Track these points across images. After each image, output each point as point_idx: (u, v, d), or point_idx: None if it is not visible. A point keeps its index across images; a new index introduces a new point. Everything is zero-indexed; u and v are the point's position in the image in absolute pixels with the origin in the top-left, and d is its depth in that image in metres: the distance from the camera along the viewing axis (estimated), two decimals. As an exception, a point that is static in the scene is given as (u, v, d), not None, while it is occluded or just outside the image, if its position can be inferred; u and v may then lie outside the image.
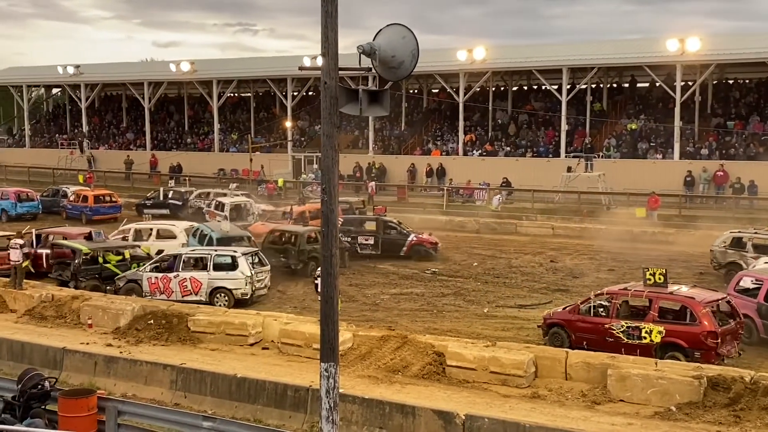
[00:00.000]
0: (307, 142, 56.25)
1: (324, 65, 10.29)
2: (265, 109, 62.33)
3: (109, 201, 41.19)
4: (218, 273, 23.70)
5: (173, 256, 24.62)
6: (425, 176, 49.32)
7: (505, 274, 28.22)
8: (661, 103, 47.37)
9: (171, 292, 23.67)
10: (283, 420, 14.73)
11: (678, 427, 14.25)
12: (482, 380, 16.67)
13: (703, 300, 17.82)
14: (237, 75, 58.98)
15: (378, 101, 10.47)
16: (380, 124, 54.58)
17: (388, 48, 10.26)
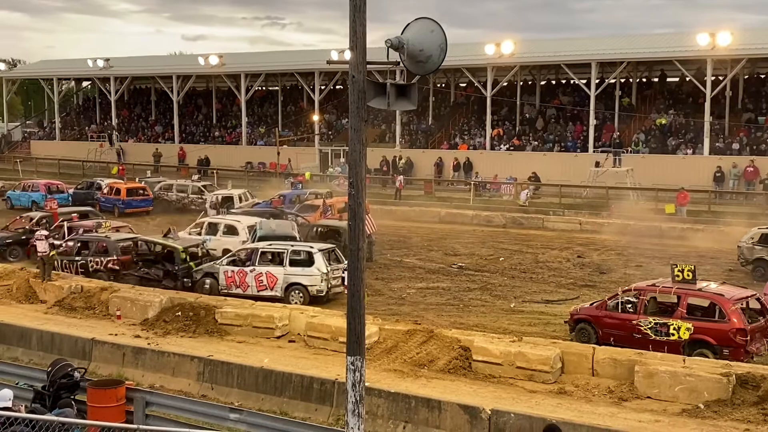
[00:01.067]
0: (334, 135, 56.33)
1: (352, 59, 10.30)
2: (292, 102, 62.48)
3: (141, 194, 41.09)
4: (294, 269, 23.19)
5: (251, 249, 24.27)
6: (452, 170, 49.22)
7: (531, 269, 28.10)
8: (691, 98, 46.87)
9: (247, 287, 23.34)
10: (309, 413, 14.80)
11: (706, 424, 14.12)
12: (508, 375, 16.62)
13: (732, 297, 17.63)
14: (265, 69, 59.16)
15: (405, 95, 10.46)
16: (407, 118, 54.51)
17: (416, 42, 10.24)
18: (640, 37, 52.64)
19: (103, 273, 24.98)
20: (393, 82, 10.30)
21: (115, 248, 25.54)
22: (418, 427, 13.97)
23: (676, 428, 13.84)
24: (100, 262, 25.32)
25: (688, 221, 34.98)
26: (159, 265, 24.82)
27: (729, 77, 43.88)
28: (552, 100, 52.16)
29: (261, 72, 59.17)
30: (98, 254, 25.57)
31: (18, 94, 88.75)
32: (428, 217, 39.08)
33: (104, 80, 66.16)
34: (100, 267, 25.26)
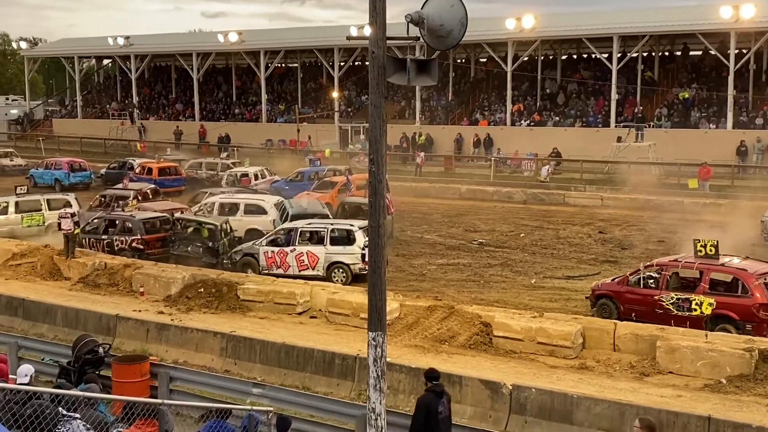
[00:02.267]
0: (354, 112, 56.24)
1: (372, 35, 10.26)
2: (312, 79, 62.39)
3: (174, 173, 40.33)
4: (335, 247, 22.98)
5: (289, 229, 24.08)
6: (472, 146, 49.05)
7: (552, 245, 28.03)
8: (714, 72, 46.33)
9: (288, 267, 23.23)
10: (331, 387, 14.91)
11: (728, 399, 14.09)
12: (529, 351, 16.65)
13: (756, 272, 17.50)
14: (284, 45, 59.07)
15: (426, 71, 10.42)
16: (427, 94, 54.28)
17: (436, 17, 10.19)
18: (662, 9, 51.97)
19: (127, 252, 25.15)
20: (413, 58, 10.26)
21: (139, 227, 25.70)
22: (439, 402, 14.02)
23: (698, 403, 13.81)
24: (125, 241, 25.50)
25: (710, 196, 34.69)
26: (198, 243, 24.99)
27: (753, 50, 43.29)
28: (573, 75, 51.71)
29: (280, 49, 59.08)
30: (123, 233, 25.78)
31: (39, 73, 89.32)
32: (449, 194, 39.01)
33: (125, 58, 66.34)
34: (124, 246, 25.43)
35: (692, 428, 12.16)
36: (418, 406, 10.87)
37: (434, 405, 10.73)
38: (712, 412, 12.80)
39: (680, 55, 51.35)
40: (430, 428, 10.66)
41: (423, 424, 10.68)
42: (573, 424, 12.90)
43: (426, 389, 10.99)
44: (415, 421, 10.83)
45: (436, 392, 10.83)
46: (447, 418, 10.86)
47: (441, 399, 10.80)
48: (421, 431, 10.70)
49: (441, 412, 10.72)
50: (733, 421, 12.29)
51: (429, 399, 10.80)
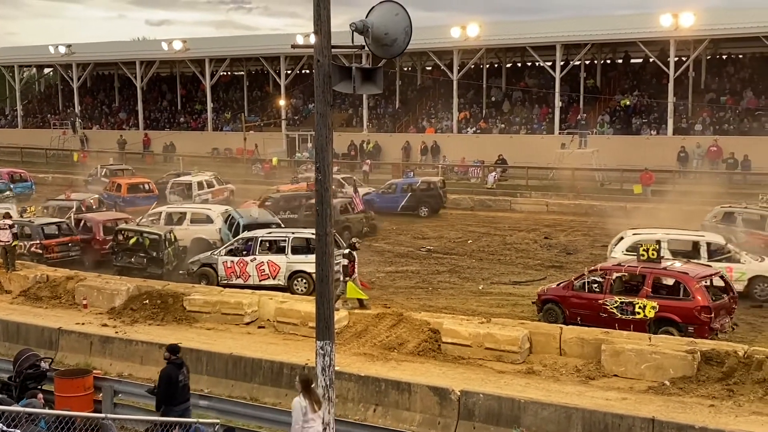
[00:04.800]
0: (301, 120, 56.08)
1: (317, 43, 10.26)
2: (258, 87, 62.06)
3: (145, 190, 37.62)
4: (297, 256, 22.80)
5: (248, 238, 23.78)
6: (420, 154, 49.25)
7: (499, 251, 28.29)
8: (655, 79, 47.27)
9: (248, 277, 22.98)
10: (280, 398, 14.81)
11: (672, 401, 14.36)
12: (477, 356, 16.77)
13: (697, 275, 17.90)
14: (230, 53, 58.64)
15: (371, 79, 10.45)
16: (374, 102, 54.41)
17: (381, 25, 10.23)
18: (603, 18, 52.88)
19: (27, 256, 25.13)
20: (359, 66, 10.28)
21: (38, 232, 25.96)
22: (388, 409, 14.05)
23: (642, 405, 14.04)
24: (24, 246, 25.39)
25: (652, 201, 35.36)
26: (142, 253, 24.60)
27: (692, 58, 44.31)
28: (518, 83, 52.32)
29: (226, 57, 58.65)
30: (23, 238, 25.53)
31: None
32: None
33: (66, 67, 65.14)
34: (23, 251, 25.31)
35: (637, 430, 12.38)
36: (161, 376, 12.54)
37: (174, 375, 12.44)
38: (656, 413, 13.03)
39: (621, 62, 52.32)
40: (172, 394, 12.37)
41: (165, 391, 12.38)
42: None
43: (167, 362, 12.62)
44: (160, 389, 12.49)
45: (176, 364, 12.57)
46: (186, 386, 12.66)
47: (181, 369, 12.56)
48: (164, 398, 12.39)
49: (181, 381, 12.50)
50: (676, 422, 12.53)
51: (170, 370, 12.50)
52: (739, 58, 49.22)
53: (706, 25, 42.65)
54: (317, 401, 10.61)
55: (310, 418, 10.56)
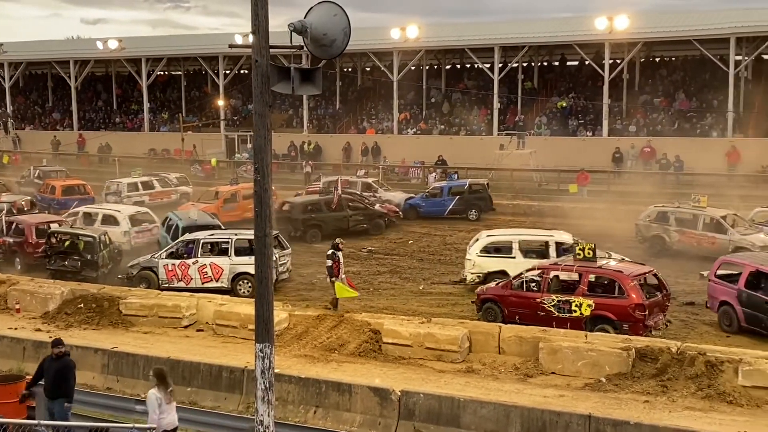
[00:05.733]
0: (240, 121, 55.57)
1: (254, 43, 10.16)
2: (196, 87, 61.31)
3: (80, 192, 36.52)
4: (241, 258, 22.51)
5: (190, 241, 23.46)
6: (360, 155, 49.26)
7: (440, 251, 28.46)
8: (591, 81, 48.13)
9: (190, 280, 22.73)
10: (219, 402, 14.67)
11: (608, 397, 14.64)
12: (418, 356, 16.86)
13: (631, 273, 18.27)
14: (167, 53, 57.77)
15: (310, 80, 10.39)
16: (315, 103, 54.24)
17: (319, 26, 10.18)
18: (540, 21, 53.66)
19: None
20: (297, 67, 10.21)
21: None
22: (329, 411, 14.03)
23: (579, 402, 14.29)
24: None
25: (588, 201, 35.99)
26: (76, 256, 24.07)
27: (626, 60, 45.25)
28: (457, 84, 52.72)
29: (163, 56, 57.77)
30: None
31: None
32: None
33: (-3, 66, 63.36)
34: None
35: (574, 427, 12.58)
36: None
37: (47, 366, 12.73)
38: (592, 410, 13.27)
39: (558, 65, 53.11)
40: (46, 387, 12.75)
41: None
42: (460, 427, 13.14)
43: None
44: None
45: (53, 357, 12.85)
46: (62, 380, 12.81)
47: (58, 361, 12.79)
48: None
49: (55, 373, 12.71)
50: (612, 418, 12.77)
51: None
52: (672, 61, 50.45)
53: (639, 29, 43.59)
54: (171, 393, 11.55)
55: (164, 409, 11.37)
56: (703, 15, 45.80)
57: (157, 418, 11.22)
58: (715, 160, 39.45)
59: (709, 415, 13.67)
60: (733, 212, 26.96)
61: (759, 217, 27.16)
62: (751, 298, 18.26)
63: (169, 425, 11.44)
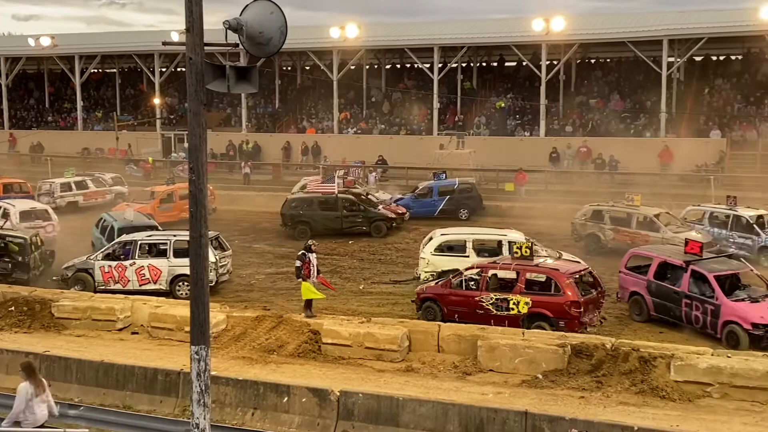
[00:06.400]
0: (177, 119, 54.77)
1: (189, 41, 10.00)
2: (131, 85, 60.25)
3: (20, 191, 35.55)
4: (179, 260, 22.02)
5: (127, 242, 23.00)
6: (300, 154, 49.01)
7: (380, 251, 28.47)
8: (528, 82, 48.72)
9: (127, 282, 22.38)
10: (154, 405, 14.41)
11: (544, 394, 14.81)
12: (358, 356, 16.83)
13: (567, 271, 18.55)
14: (101, 50, 56.60)
15: (246, 78, 10.27)
16: (253, 102, 53.77)
17: (255, 24, 10.07)
18: (479, 21, 54.07)
19: None
20: (232, 65, 10.08)
21: None
22: (267, 413, 13.90)
23: (516, 399, 14.43)
24: None
25: (526, 200, 36.43)
26: (6, 258, 23.39)
27: (562, 61, 45.91)
28: (397, 84, 52.85)
29: (97, 54, 56.59)
30: None
31: None
32: (278, 202, 38.65)
33: None
34: None
35: (511, 423, 12.69)
36: None
37: None
38: (529, 407, 13.41)
39: (497, 65, 53.65)
40: None
41: None
42: (399, 426, 13.15)
43: None
44: None
45: None
46: None
47: None
48: None
49: None
50: (548, 414, 12.93)
51: None
52: (607, 62, 51.39)
53: (575, 30, 44.27)
54: (42, 386, 11.59)
55: (36, 402, 11.47)
56: (637, 17, 46.79)
57: (23, 411, 11.34)
58: (649, 160, 40.34)
59: (643, 410, 13.94)
60: (666, 211, 27.61)
61: (690, 215, 27.83)
62: (660, 288, 19.32)
63: (40, 420, 11.50)
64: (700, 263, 18.82)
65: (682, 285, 18.76)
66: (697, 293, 18.43)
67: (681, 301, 18.73)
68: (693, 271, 18.66)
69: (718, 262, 19.40)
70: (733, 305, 17.74)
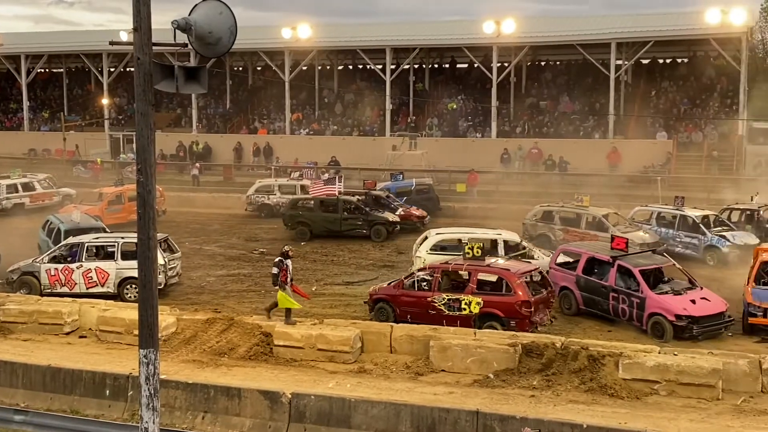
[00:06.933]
0: (125, 120, 53.99)
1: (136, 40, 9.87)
2: (79, 85, 59.22)
3: None
4: (128, 262, 21.52)
5: (73, 244, 22.55)
6: (252, 155, 48.69)
7: (333, 252, 28.41)
8: (479, 84, 49.06)
9: (74, 285, 21.93)
10: (102, 409, 14.20)
11: (496, 393, 14.93)
12: (310, 358, 16.77)
13: (518, 271, 18.73)
14: (48, 50, 55.56)
15: (195, 78, 10.17)
16: (204, 102, 53.27)
17: (204, 24, 9.97)
18: (431, 23, 54.32)
19: None
20: (181, 65, 9.97)
21: None
22: (217, 416, 13.78)
23: (468, 398, 14.51)
24: None
25: (478, 201, 36.69)
26: None
27: (513, 64, 46.36)
28: (350, 85, 52.81)
29: (43, 53, 55.55)
30: None
31: None
32: (229, 204, 38.44)
33: None
34: None
35: (462, 423, 12.77)
36: None
37: None
38: (480, 406, 13.50)
39: (449, 67, 53.94)
40: None
41: None
42: (351, 428, 13.15)
43: None
44: None
45: None
46: None
47: None
48: None
49: None
50: (499, 413, 13.03)
51: None
52: (557, 65, 52.00)
53: (525, 33, 44.70)
54: None
55: None
56: (586, 20, 47.50)
57: None
58: (598, 161, 40.96)
59: (592, 408, 14.12)
60: (614, 211, 28.05)
61: (638, 215, 28.31)
62: (588, 282, 20.01)
63: None
64: (625, 258, 19.71)
65: (609, 279, 19.56)
66: (624, 287, 19.28)
67: (608, 294, 19.51)
68: (619, 266, 19.53)
69: (643, 257, 20.36)
70: (657, 298, 18.63)
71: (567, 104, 46.43)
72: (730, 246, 25.40)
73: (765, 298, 18.39)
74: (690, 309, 18.29)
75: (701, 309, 18.42)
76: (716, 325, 18.53)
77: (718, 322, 18.58)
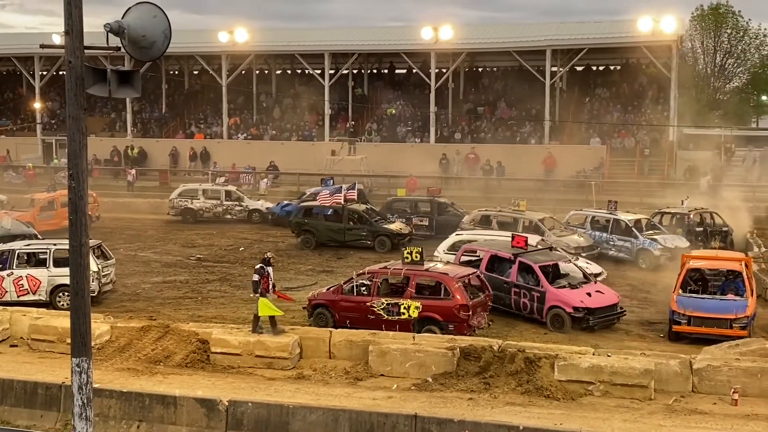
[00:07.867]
0: (58, 124, 52.82)
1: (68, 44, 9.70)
2: (10, 89, 57.76)
3: None
4: (60, 269, 20.90)
5: (4, 251, 21.87)
6: (189, 160, 48.12)
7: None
8: (418, 89, 49.37)
9: (5, 293, 21.33)
10: (34, 420, 13.89)
11: (434, 397, 15.01)
12: (248, 365, 16.65)
13: (456, 275, 18.89)
14: (-25, 52, 54.09)
15: (129, 82, 10.03)
16: (139, 106, 52.47)
17: (138, 27, 9.85)
18: (370, 29, 54.46)
19: None
20: (114, 69, 9.83)
21: None
22: (153, 425, 13.59)
23: (407, 403, 14.56)
24: None
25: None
26: None
27: (451, 70, 46.80)
28: (288, 90, 52.60)
29: (-28, 56, 54.08)
30: None
31: None
32: (164, 209, 37.89)
33: None
34: None
35: (401, 427, 12.83)
36: None
37: None
38: (418, 410, 13.57)
39: (387, 72, 54.17)
40: None
41: None
42: (290, 434, 13.07)
43: None
44: None
45: None
46: None
47: None
48: None
49: None
50: (437, 417, 13.13)
51: None
52: (494, 71, 52.66)
53: (463, 39, 45.18)
54: None
55: None
56: (522, 28, 48.22)
57: None
58: (534, 166, 41.61)
59: (529, 410, 14.31)
60: (550, 215, 28.53)
61: (574, 219, 28.83)
62: (491, 279, 20.61)
63: None
64: (526, 255, 20.69)
65: (511, 276, 20.54)
66: (524, 282, 20.24)
67: (510, 290, 20.44)
68: (520, 262, 20.53)
69: (542, 254, 21.44)
70: (556, 292, 19.73)
71: (504, 110, 47.05)
72: (661, 249, 26.07)
73: (689, 306, 18.68)
74: (586, 301, 19.45)
75: (596, 301, 19.62)
76: (610, 316, 19.81)
77: (612, 313, 19.86)
